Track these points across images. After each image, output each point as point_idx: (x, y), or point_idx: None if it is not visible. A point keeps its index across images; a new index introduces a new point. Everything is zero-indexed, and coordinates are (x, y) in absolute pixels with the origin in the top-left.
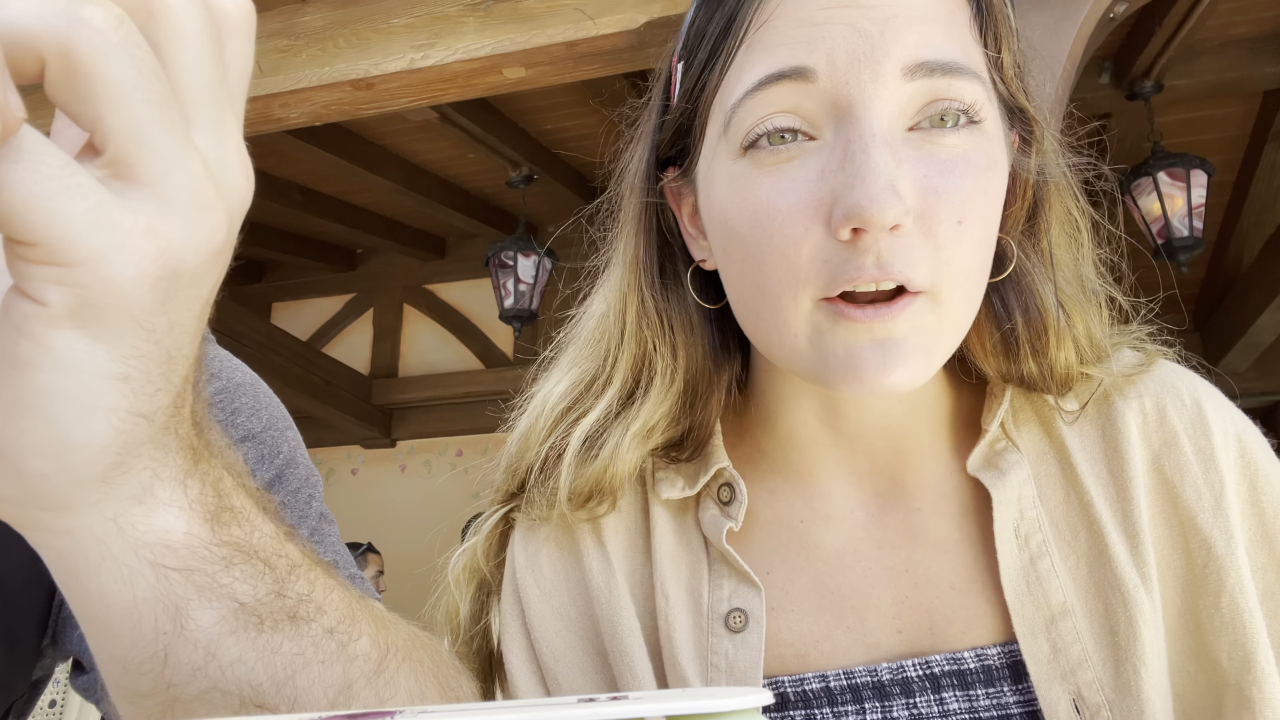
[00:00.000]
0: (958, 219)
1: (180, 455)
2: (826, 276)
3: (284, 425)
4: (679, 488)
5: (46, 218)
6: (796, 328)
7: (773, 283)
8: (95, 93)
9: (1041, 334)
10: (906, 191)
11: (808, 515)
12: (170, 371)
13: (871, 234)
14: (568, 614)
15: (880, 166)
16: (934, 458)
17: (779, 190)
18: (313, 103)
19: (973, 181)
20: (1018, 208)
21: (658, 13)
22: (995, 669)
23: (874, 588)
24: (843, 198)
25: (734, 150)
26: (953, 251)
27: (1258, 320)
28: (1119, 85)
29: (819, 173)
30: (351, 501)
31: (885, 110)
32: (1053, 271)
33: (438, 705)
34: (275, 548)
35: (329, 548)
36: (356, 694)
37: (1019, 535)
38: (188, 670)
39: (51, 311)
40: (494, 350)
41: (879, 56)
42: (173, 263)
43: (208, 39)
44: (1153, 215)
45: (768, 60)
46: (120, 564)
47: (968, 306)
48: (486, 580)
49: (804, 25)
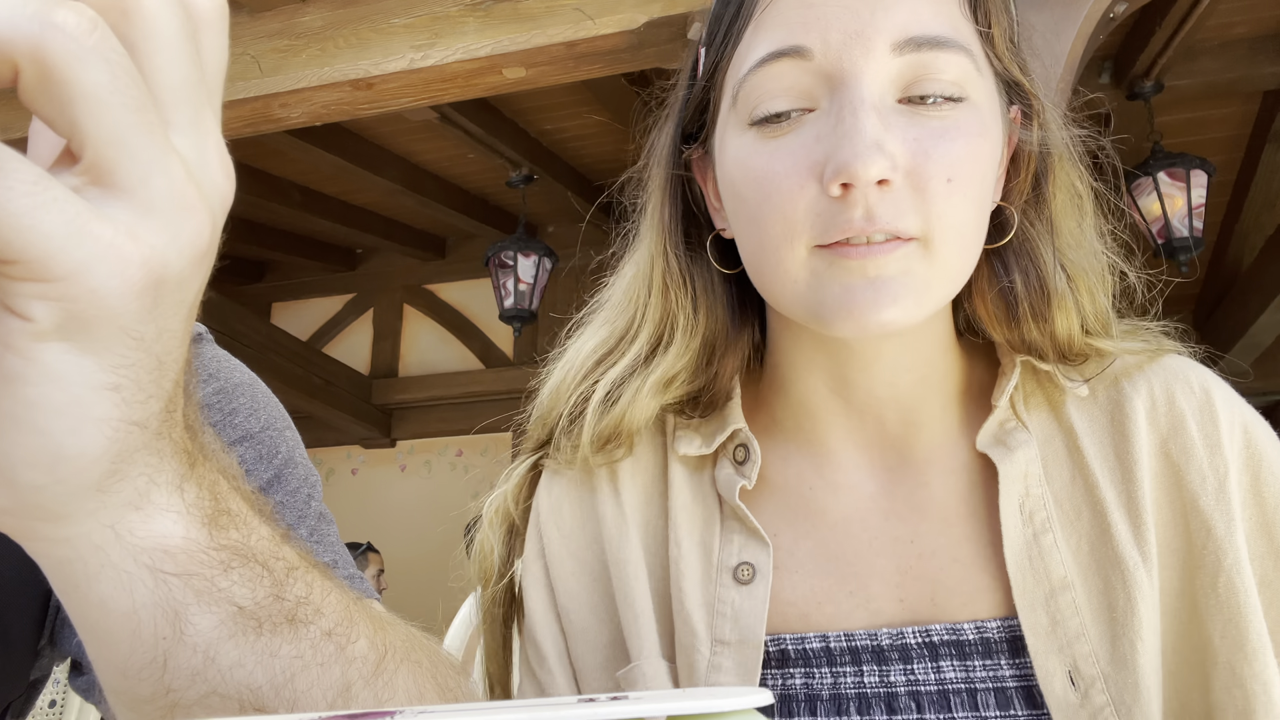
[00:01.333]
0: (947, 177)
1: (175, 460)
2: (820, 228)
3: (282, 425)
4: (696, 445)
5: (24, 235)
6: (795, 274)
7: (772, 236)
8: (71, 98)
9: (1041, 296)
10: (895, 150)
11: (817, 482)
12: (161, 378)
13: (859, 189)
14: (583, 557)
15: (866, 127)
16: (944, 433)
17: (778, 156)
18: (313, 103)
19: (962, 145)
20: (1022, 179)
21: (658, 13)
22: (994, 642)
23: (879, 556)
24: (833, 157)
25: (742, 123)
26: (944, 206)
27: (1258, 320)
28: (1119, 85)
29: (814, 138)
30: (351, 501)
31: (875, 81)
32: (1053, 238)
33: (437, 705)
34: (273, 550)
35: (328, 548)
36: (355, 695)
37: (1024, 512)
38: (187, 675)
39: (37, 326)
40: (494, 350)
41: (870, 34)
42: (158, 269)
43: (184, 36)
44: (1153, 215)
45: (770, 39)
46: (119, 570)
47: (961, 259)
48: (515, 525)
49: (802, 7)
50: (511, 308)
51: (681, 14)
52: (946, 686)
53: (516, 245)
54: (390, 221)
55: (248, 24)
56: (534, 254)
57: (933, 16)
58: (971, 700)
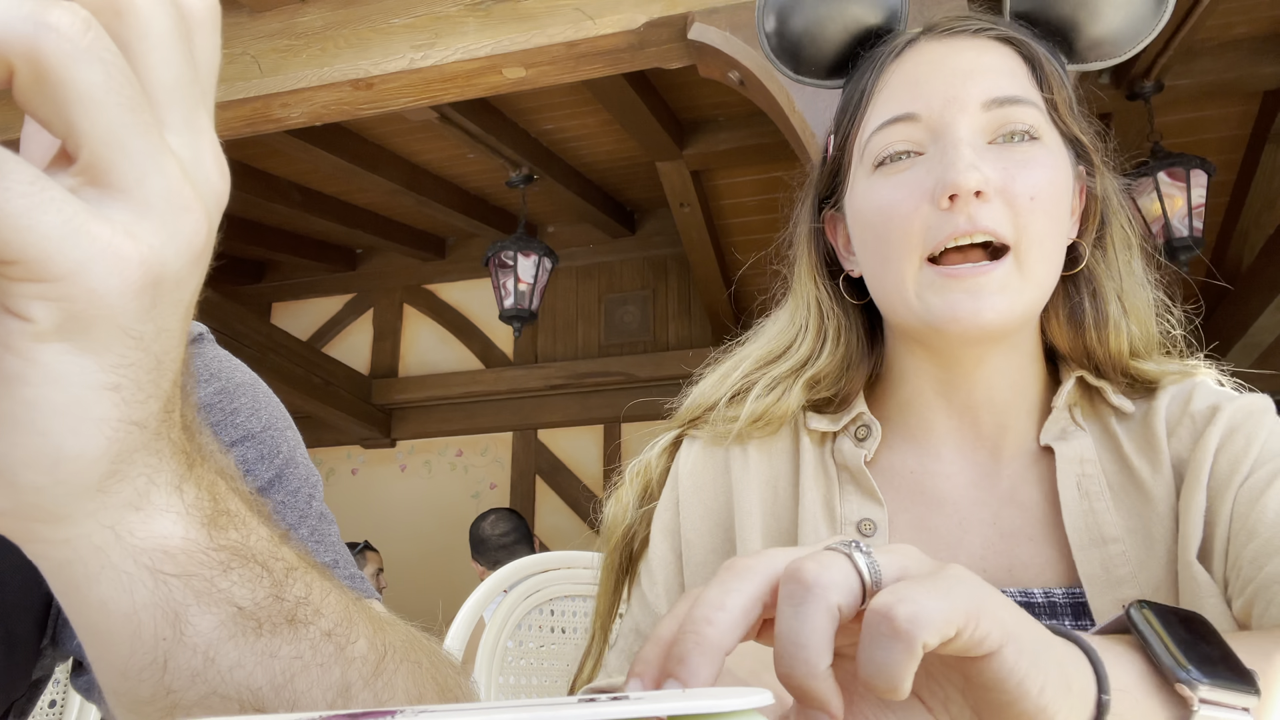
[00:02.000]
0: (1030, 195)
1: (174, 460)
2: (932, 237)
3: (283, 425)
4: (825, 424)
5: (22, 235)
6: (909, 286)
7: (894, 250)
8: (66, 99)
9: (1103, 315)
10: (989, 173)
11: (918, 468)
12: (159, 377)
13: (962, 198)
14: (711, 505)
15: (966, 153)
16: (1025, 434)
17: (898, 187)
18: (313, 103)
19: (1040, 173)
20: (1091, 220)
21: (658, 13)
22: (1059, 605)
23: (966, 534)
24: (940, 179)
25: (868, 170)
26: (1028, 218)
27: (1258, 320)
28: (1119, 85)
29: (925, 171)
30: (351, 501)
31: (970, 128)
32: (1113, 276)
33: (437, 705)
34: (272, 551)
35: (329, 548)
36: (355, 696)
37: (1080, 487)
38: (187, 676)
39: (37, 327)
40: (494, 350)
41: (963, 98)
42: (156, 268)
43: (177, 36)
44: (1153, 215)
45: (887, 109)
46: (119, 571)
47: (1044, 267)
48: (651, 486)
49: (910, 84)
50: (511, 308)
51: (681, 14)
52: None
53: (516, 245)
54: (390, 221)
55: (248, 24)
56: (534, 254)
57: (1010, 83)
58: None
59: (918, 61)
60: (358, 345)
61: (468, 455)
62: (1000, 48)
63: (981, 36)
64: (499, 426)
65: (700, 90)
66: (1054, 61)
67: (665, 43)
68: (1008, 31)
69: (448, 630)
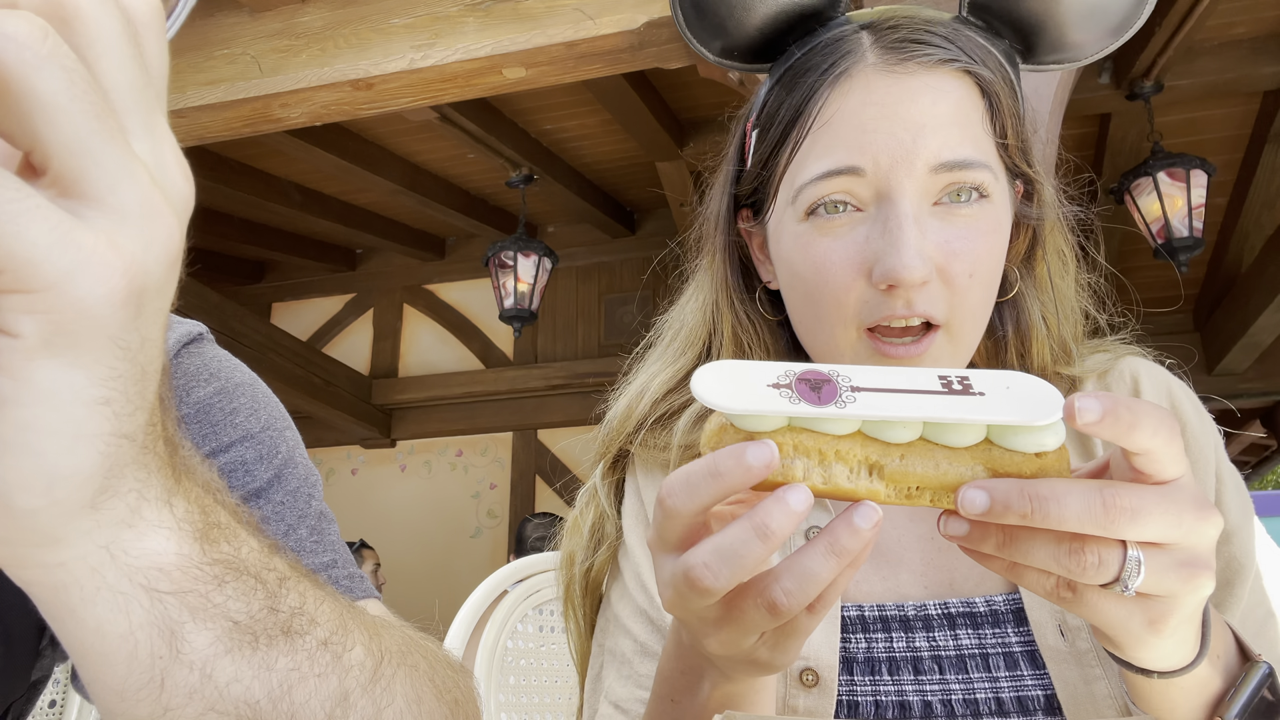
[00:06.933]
0: (969, 273)
1: (161, 474)
2: (867, 314)
3: (283, 425)
4: None
5: (9, 243)
6: (843, 350)
7: (827, 315)
8: (30, 109)
9: (1026, 339)
10: (931, 254)
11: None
12: (145, 389)
13: (902, 288)
14: None
15: (910, 240)
16: None
17: (834, 249)
18: (313, 103)
19: (981, 243)
20: (1020, 243)
21: (658, 13)
22: (1001, 613)
23: (906, 550)
24: (881, 260)
25: (799, 215)
26: (964, 296)
27: (1258, 320)
28: (1119, 85)
29: (865, 238)
30: (351, 501)
31: (915, 195)
32: (1042, 293)
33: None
34: (264, 562)
35: (329, 547)
36: (353, 704)
37: None
38: (184, 693)
39: (26, 343)
40: (494, 350)
41: (911, 159)
42: (140, 276)
43: (126, 39)
44: (1153, 215)
45: (829, 158)
46: (115, 592)
47: (975, 334)
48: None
49: (856, 131)
50: (511, 308)
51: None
52: (963, 651)
53: (516, 245)
54: (390, 221)
55: (248, 24)
56: (534, 254)
57: (961, 140)
58: (984, 663)
59: (865, 101)
60: (358, 345)
61: (468, 455)
62: (957, 84)
63: (939, 71)
64: (499, 426)
65: (700, 90)
66: (1010, 85)
67: (665, 43)
68: (968, 64)
69: (447, 630)
